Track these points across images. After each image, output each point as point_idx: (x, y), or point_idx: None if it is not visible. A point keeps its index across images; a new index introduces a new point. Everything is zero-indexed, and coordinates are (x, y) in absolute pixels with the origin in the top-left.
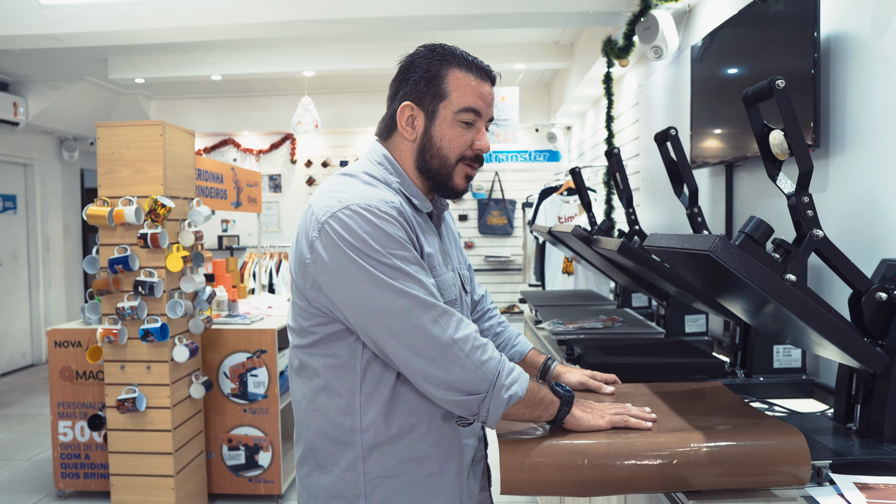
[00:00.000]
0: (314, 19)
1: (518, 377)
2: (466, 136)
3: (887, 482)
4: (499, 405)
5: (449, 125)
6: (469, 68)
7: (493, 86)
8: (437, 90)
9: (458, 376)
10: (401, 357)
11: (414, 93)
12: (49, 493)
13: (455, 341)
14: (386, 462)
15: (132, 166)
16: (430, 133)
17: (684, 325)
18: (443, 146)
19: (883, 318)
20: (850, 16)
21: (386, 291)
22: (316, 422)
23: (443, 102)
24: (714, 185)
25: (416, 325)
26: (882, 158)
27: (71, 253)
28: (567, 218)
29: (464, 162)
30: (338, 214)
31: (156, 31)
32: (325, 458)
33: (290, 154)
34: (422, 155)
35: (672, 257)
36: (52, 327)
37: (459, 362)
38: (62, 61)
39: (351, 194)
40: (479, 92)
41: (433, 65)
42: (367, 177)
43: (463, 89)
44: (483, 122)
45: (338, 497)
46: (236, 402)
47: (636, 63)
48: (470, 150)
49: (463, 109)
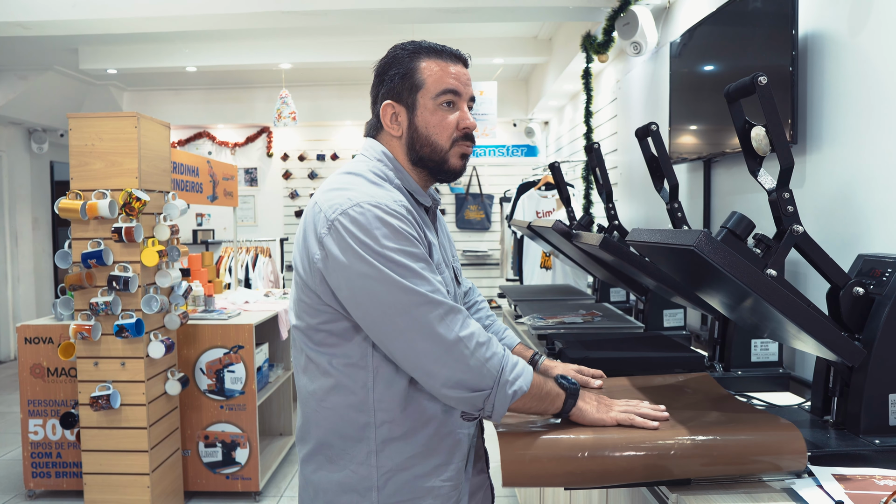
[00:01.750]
0: (293, 10)
1: (522, 372)
2: (450, 118)
3: (864, 473)
4: (504, 401)
5: (431, 112)
6: (438, 55)
7: (465, 67)
8: (412, 82)
9: (464, 374)
10: (406, 354)
11: (391, 91)
12: (19, 493)
13: (460, 339)
14: (399, 456)
15: (106, 159)
16: (414, 125)
17: (663, 319)
18: (430, 133)
19: (860, 312)
20: (828, 14)
21: (394, 289)
22: (328, 420)
23: (420, 92)
24: (692, 180)
25: (423, 322)
26: (858, 155)
27: (40, 247)
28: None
29: (456, 144)
30: (348, 212)
31: (129, 20)
32: (336, 454)
33: (267, 147)
34: (412, 147)
35: (654, 252)
36: (22, 323)
37: (464, 360)
38: (31, 50)
39: (361, 192)
40: (455, 73)
41: (404, 60)
42: (373, 175)
43: (436, 75)
44: (464, 102)
45: (350, 491)
46: (213, 398)
47: (615, 59)
48: (457, 130)
49: (440, 93)
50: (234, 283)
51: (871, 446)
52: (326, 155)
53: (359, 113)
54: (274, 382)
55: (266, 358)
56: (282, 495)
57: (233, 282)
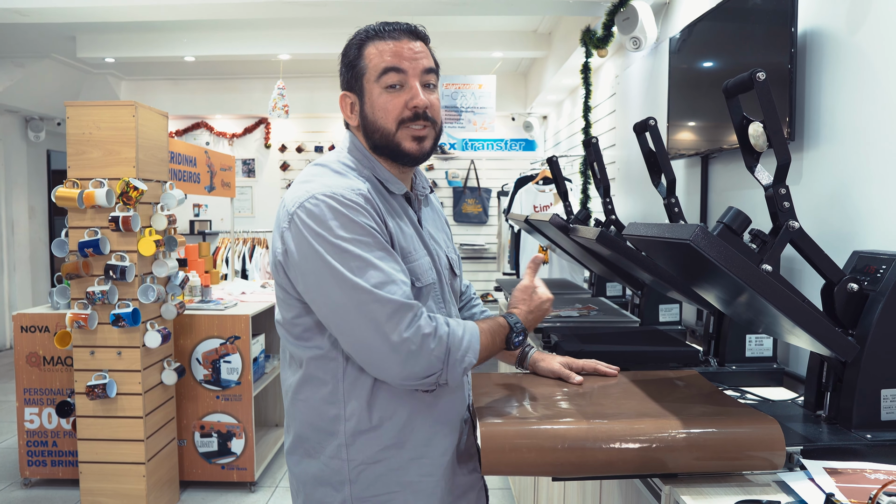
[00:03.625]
0: (292, 1)
1: (469, 345)
2: (397, 99)
3: (855, 467)
4: (456, 375)
5: (377, 95)
6: (380, 35)
7: (417, 39)
8: (357, 70)
9: (412, 368)
10: (356, 349)
11: (345, 81)
12: (14, 482)
13: (406, 339)
14: (369, 449)
15: (103, 147)
16: (364, 112)
17: (658, 314)
18: (377, 118)
19: (854, 308)
20: (827, 12)
21: (344, 286)
22: (302, 412)
23: (364, 77)
24: (689, 175)
25: (370, 320)
26: (855, 153)
27: (36, 236)
28: (542, 207)
29: (403, 125)
30: (305, 204)
31: (127, 8)
32: (312, 447)
33: (265, 138)
34: (367, 135)
35: (651, 246)
36: (18, 312)
37: (412, 356)
38: (28, 38)
39: (319, 184)
40: (394, 50)
41: (351, 50)
42: (338, 165)
43: (376, 56)
44: (413, 78)
45: (324, 484)
46: (209, 388)
47: (614, 53)
48: (406, 110)
49: (380, 74)
50: (230, 273)
51: (863, 441)
52: (324, 146)
53: None
54: (270, 373)
55: (262, 349)
56: (277, 486)
57: (229, 272)
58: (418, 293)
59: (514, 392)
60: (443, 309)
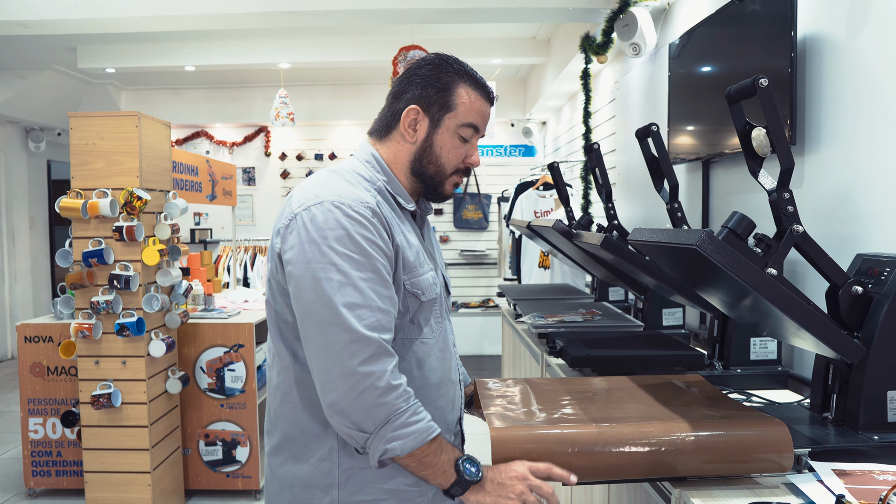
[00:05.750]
0: (292, 10)
1: (410, 434)
2: (462, 149)
3: (863, 468)
4: (375, 452)
5: (450, 136)
6: (477, 87)
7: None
8: (445, 101)
9: (350, 406)
10: (312, 365)
11: (422, 98)
12: (19, 492)
13: (358, 372)
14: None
15: (107, 158)
16: (431, 140)
17: (662, 318)
18: (441, 155)
19: (858, 310)
20: (826, 17)
21: (321, 299)
22: (291, 414)
23: (449, 114)
24: (690, 180)
25: (330, 342)
26: (855, 156)
27: (37, 246)
28: (543, 213)
29: (456, 173)
30: (311, 208)
31: (128, 19)
32: (300, 450)
33: (265, 147)
34: (419, 159)
35: (656, 251)
36: (22, 322)
37: (355, 393)
38: (29, 49)
39: (329, 191)
40: (483, 111)
41: (445, 76)
42: (352, 175)
43: (470, 105)
44: (478, 138)
45: (312, 486)
46: (213, 396)
47: (613, 59)
48: (463, 163)
49: (466, 124)
50: (232, 282)
51: (870, 442)
52: (324, 154)
53: (357, 113)
54: None
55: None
56: None
57: (231, 281)
58: (421, 307)
59: (521, 396)
60: (441, 323)
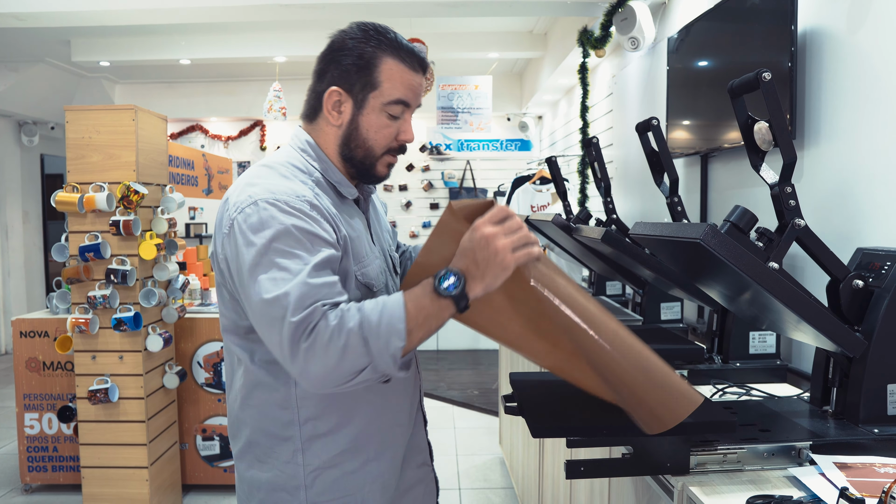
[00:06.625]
0: (289, 4)
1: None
2: (393, 127)
3: (864, 461)
4: (388, 366)
5: (377, 116)
6: (403, 57)
7: (424, 73)
8: (368, 78)
9: (332, 372)
10: (285, 366)
11: (343, 78)
12: (15, 487)
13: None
14: (325, 454)
15: (103, 151)
16: (356, 122)
17: (660, 312)
18: (369, 137)
19: (859, 304)
20: (827, 12)
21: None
22: (254, 418)
23: (373, 92)
24: (689, 174)
25: (284, 337)
26: (855, 150)
27: (31, 241)
28: (540, 207)
29: (388, 153)
30: (245, 210)
31: (123, 11)
32: (264, 453)
33: (260, 141)
34: (346, 143)
35: (657, 245)
36: (18, 317)
37: (330, 363)
38: (23, 42)
39: (263, 188)
40: (411, 83)
41: (367, 50)
42: (285, 168)
43: (395, 80)
44: (410, 113)
45: (279, 490)
46: (210, 391)
47: (611, 53)
48: (395, 141)
49: (393, 101)
50: None
51: (870, 435)
52: None
53: None
54: None
55: None
56: None
57: None
58: (372, 297)
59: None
60: None
